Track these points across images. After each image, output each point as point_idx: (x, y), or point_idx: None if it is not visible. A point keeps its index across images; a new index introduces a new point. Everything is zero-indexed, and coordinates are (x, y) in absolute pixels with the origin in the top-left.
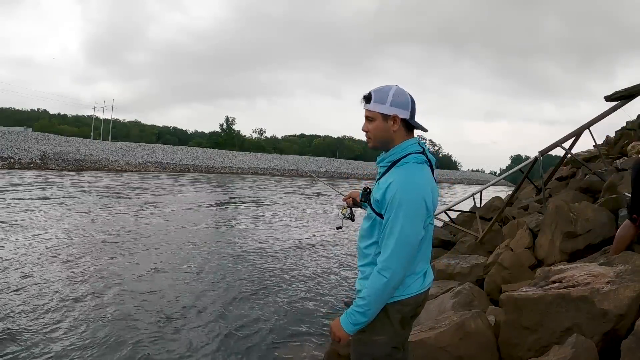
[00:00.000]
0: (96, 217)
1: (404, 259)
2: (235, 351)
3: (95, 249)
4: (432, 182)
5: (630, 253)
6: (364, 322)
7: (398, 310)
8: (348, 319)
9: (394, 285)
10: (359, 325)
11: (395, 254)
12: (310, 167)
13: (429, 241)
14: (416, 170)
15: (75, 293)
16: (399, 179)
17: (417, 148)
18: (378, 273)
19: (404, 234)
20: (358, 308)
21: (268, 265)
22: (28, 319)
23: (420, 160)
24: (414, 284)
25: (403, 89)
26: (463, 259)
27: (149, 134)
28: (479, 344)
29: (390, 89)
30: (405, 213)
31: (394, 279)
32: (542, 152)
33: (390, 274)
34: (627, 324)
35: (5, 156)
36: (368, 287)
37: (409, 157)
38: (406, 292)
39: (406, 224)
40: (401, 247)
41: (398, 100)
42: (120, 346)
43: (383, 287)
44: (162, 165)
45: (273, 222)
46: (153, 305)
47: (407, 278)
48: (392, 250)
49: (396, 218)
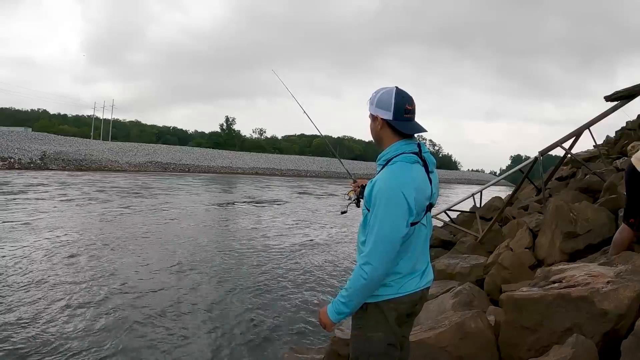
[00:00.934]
0: (119, 217)
1: (382, 254)
2: (235, 351)
3: (120, 248)
4: (422, 180)
5: (630, 253)
6: (347, 313)
7: (393, 308)
8: (333, 308)
9: (374, 280)
10: (343, 315)
11: (374, 249)
12: (310, 167)
13: (424, 242)
14: (402, 169)
15: (89, 291)
16: (383, 177)
17: (412, 148)
18: (359, 267)
19: (382, 230)
20: (341, 298)
21: (271, 264)
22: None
23: (410, 160)
24: (409, 283)
25: (394, 91)
26: (463, 259)
27: (149, 134)
28: (479, 344)
29: (381, 91)
30: (384, 209)
31: (374, 274)
32: (542, 152)
33: (369, 269)
34: (627, 324)
35: (5, 156)
36: (350, 280)
37: (400, 156)
38: (401, 290)
39: (384, 220)
40: (379, 243)
41: (381, 102)
42: (117, 334)
43: (362, 281)
44: (162, 165)
45: (282, 221)
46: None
47: (404, 277)
48: (372, 246)
49: (376, 215)
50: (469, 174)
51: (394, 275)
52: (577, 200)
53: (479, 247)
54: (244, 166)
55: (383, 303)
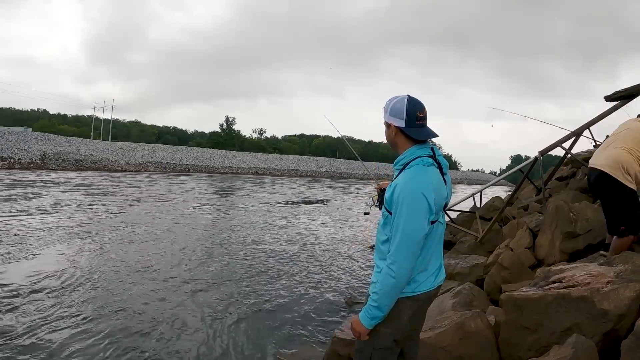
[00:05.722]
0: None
1: (408, 252)
2: (235, 351)
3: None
4: (438, 182)
5: (630, 253)
6: (381, 316)
7: (410, 305)
8: (365, 314)
9: (402, 279)
10: (376, 319)
11: (400, 248)
12: (310, 167)
13: (439, 240)
14: (419, 171)
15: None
16: (403, 180)
17: (427, 152)
18: (387, 267)
19: (407, 229)
20: (372, 302)
21: (279, 263)
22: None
23: (426, 163)
24: (426, 281)
25: (406, 99)
26: (463, 259)
27: (149, 134)
28: (479, 344)
29: (394, 100)
30: (407, 210)
31: (401, 272)
32: (542, 152)
33: (397, 267)
34: (627, 324)
35: (5, 156)
36: (379, 282)
37: (417, 160)
38: (419, 288)
39: (408, 220)
40: (405, 242)
41: (394, 110)
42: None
43: (392, 280)
44: (162, 165)
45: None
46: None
47: (420, 275)
48: (398, 245)
49: (400, 215)
50: (469, 174)
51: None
52: (577, 200)
53: (479, 247)
54: (243, 166)
55: (401, 300)
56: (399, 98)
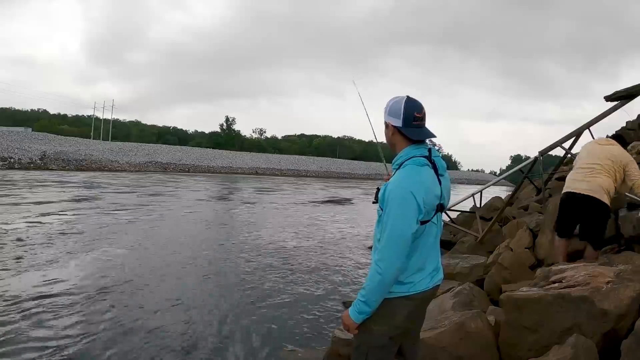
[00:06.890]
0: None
1: (396, 250)
2: (235, 351)
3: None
4: (431, 182)
5: (630, 253)
6: (368, 311)
7: (405, 305)
8: (354, 309)
9: (389, 275)
10: (364, 314)
11: (388, 245)
12: (310, 167)
13: (435, 240)
14: (411, 171)
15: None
16: (395, 179)
17: (422, 152)
18: (375, 264)
19: (394, 227)
20: (361, 297)
21: (277, 263)
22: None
23: (419, 163)
24: (422, 282)
25: (404, 100)
26: (463, 259)
27: (149, 134)
28: (479, 344)
29: (393, 100)
30: (396, 208)
31: (388, 268)
32: (542, 152)
33: (383, 264)
34: (627, 324)
35: (5, 156)
36: (368, 278)
37: (410, 160)
38: (414, 288)
39: (397, 218)
40: (393, 240)
41: (392, 110)
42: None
43: (378, 276)
44: (162, 165)
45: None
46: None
47: (415, 275)
48: (386, 243)
49: (388, 213)
50: (469, 174)
51: (406, 272)
52: None
53: (479, 247)
54: (243, 166)
55: (396, 300)
56: (398, 98)
